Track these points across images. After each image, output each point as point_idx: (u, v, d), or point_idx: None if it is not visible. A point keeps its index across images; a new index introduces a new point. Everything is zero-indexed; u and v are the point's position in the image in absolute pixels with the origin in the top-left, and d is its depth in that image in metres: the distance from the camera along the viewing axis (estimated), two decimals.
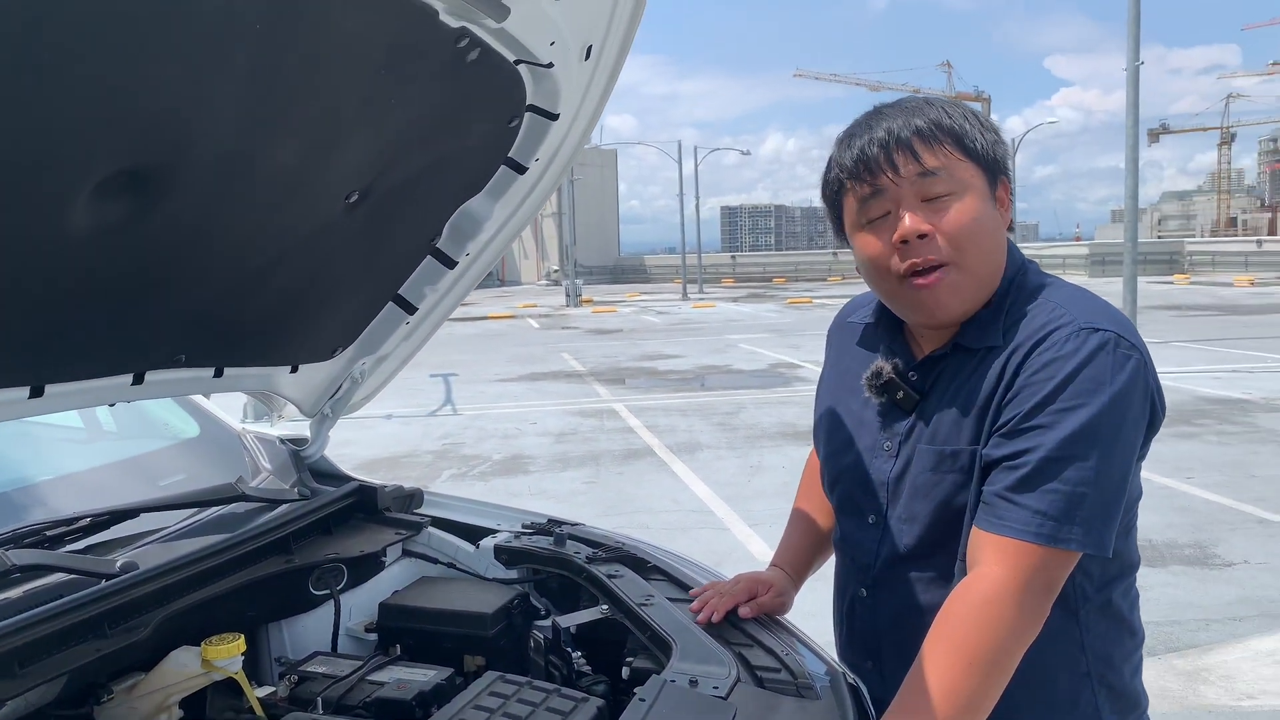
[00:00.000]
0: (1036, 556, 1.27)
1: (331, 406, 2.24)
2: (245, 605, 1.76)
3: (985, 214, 1.38)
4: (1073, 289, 1.43)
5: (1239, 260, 40.17)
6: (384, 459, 8.82)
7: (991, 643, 1.25)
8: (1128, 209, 14.80)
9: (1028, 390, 1.31)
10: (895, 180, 1.37)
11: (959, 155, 1.38)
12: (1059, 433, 1.27)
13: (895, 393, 1.49)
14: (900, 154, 1.37)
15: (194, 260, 1.49)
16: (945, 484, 1.41)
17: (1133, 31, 13.69)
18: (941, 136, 1.37)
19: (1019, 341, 1.35)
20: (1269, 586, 5.15)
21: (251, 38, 1.15)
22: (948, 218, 1.36)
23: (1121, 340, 1.31)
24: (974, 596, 1.28)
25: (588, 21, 1.57)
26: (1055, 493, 1.27)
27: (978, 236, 1.37)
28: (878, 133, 1.39)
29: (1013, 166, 1.46)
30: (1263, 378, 12.33)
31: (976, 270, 1.39)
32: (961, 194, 1.37)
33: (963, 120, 1.40)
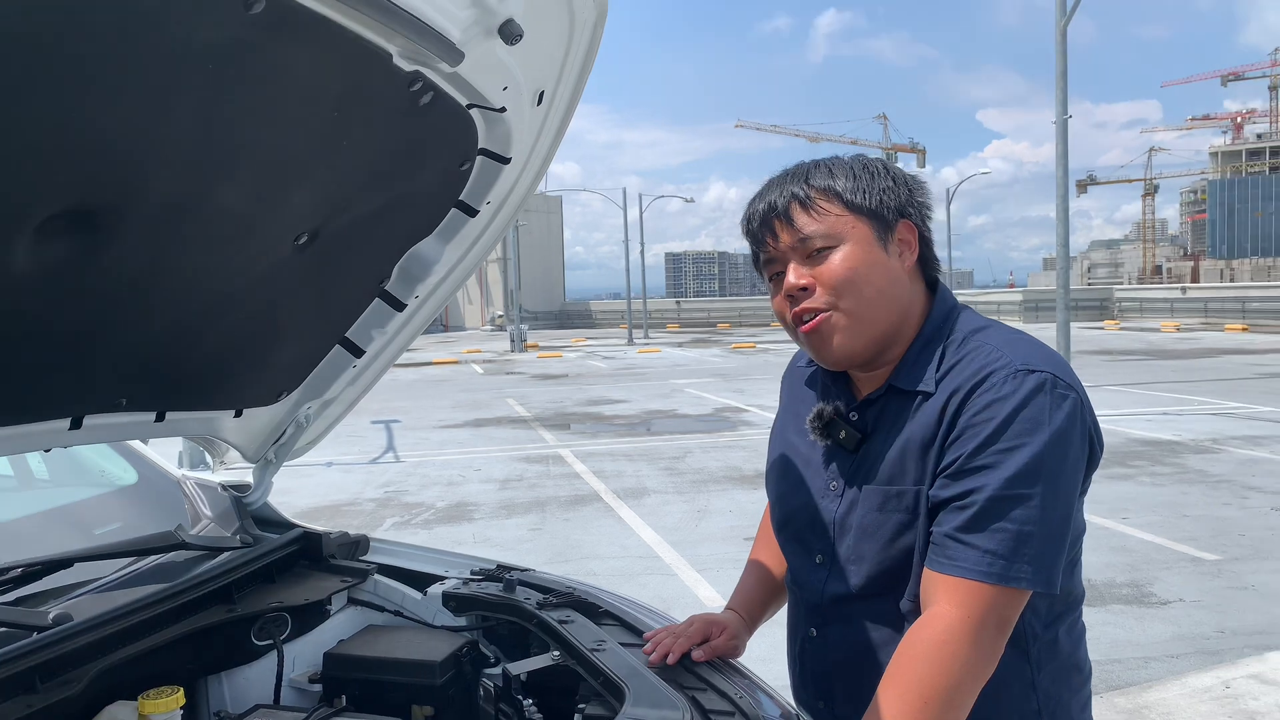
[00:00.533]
0: (989, 596, 1.28)
1: (275, 452, 2.20)
2: (185, 657, 1.71)
3: (867, 260, 1.43)
4: (1008, 332, 1.47)
5: (1165, 306, 41.51)
6: (324, 507, 8.65)
7: (947, 682, 1.26)
8: (1059, 256, 15.24)
9: (970, 431, 1.34)
10: (777, 247, 1.47)
11: (838, 210, 1.44)
12: (1003, 472, 1.30)
13: (838, 433, 1.51)
14: (778, 223, 1.46)
15: (139, 302, 1.46)
16: (891, 523, 1.43)
17: (1061, 85, 14.21)
18: (818, 198, 1.44)
19: (958, 384, 1.38)
20: (1204, 624, 5.26)
21: (203, 79, 1.14)
22: (824, 268, 1.43)
23: (1058, 380, 1.35)
24: (929, 636, 1.29)
25: (540, 67, 1.58)
26: (1003, 531, 1.29)
27: (855, 282, 1.42)
28: (760, 206, 1.50)
29: (923, 206, 1.51)
30: (1190, 420, 12.69)
31: (859, 313, 1.43)
32: (840, 245, 1.43)
33: (846, 178, 1.46)
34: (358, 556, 2.18)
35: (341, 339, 2.01)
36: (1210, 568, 6.26)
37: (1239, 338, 30.20)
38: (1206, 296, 40.63)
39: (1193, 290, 43.74)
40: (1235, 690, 4.36)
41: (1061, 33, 14.01)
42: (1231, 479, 8.94)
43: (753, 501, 8.35)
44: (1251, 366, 20.15)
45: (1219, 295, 40.33)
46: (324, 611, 1.98)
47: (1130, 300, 45.05)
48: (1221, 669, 4.61)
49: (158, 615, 1.68)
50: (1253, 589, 5.81)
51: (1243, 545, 6.73)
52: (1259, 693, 4.33)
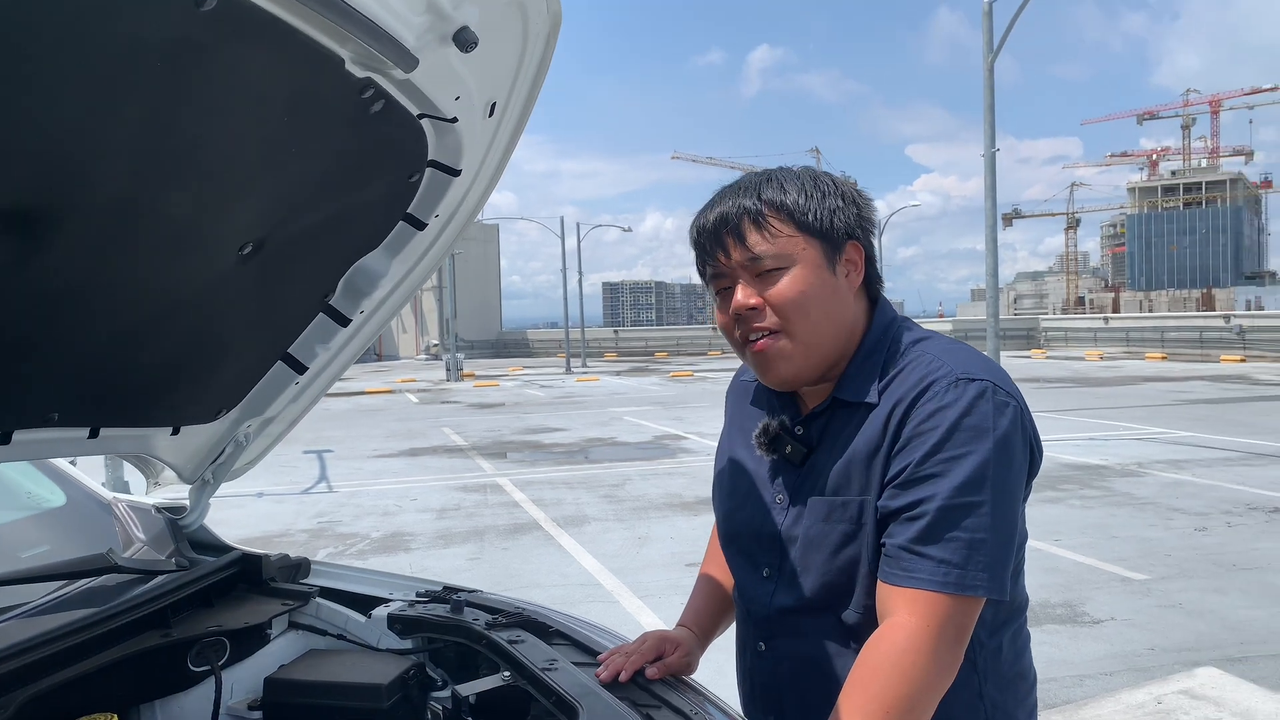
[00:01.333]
0: (947, 605, 1.29)
1: (213, 472, 2.13)
2: (118, 684, 1.64)
3: (816, 283, 1.43)
4: (946, 341, 1.48)
5: (1089, 336, 42.75)
6: (255, 539, 8.42)
7: (908, 691, 1.25)
8: (989, 286, 15.61)
9: (916, 440, 1.35)
10: (726, 262, 1.45)
11: (789, 231, 1.42)
12: (951, 480, 1.31)
13: (784, 447, 1.51)
14: (729, 238, 1.44)
15: (75, 311, 1.40)
16: (836, 534, 1.42)
17: (989, 119, 14.63)
18: (770, 214, 1.43)
19: (901, 395, 1.39)
20: (1135, 641, 5.37)
21: (151, 77, 1.11)
22: (774, 290, 1.42)
23: (998, 388, 1.37)
24: (889, 648, 1.29)
25: (493, 78, 1.57)
26: (956, 540, 1.30)
27: (805, 306, 1.42)
28: (711, 217, 1.47)
29: (869, 223, 1.50)
30: (1116, 445, 13.04)
31: (805, 337, 1.43)
32: (790, 267, 1.42)
33: (798, 194, 1.44)
34: (299, 579, 2.12)
35: (284, 355, 1.96)
36: (1140, 587, 6.41)
37: (1159, 366, 31.21)
38: (1128, 326, 41.94)
39: (1115, 320, 45.15)
40: (1167, 706, 4.46)
41: (989, 68, 14.45)
42: (1156, 501, 9.19)
43: (694, 528, 8.34)
44: (1171, 393, 20.82)
45: (1139, 325, 41.67)
46: (264, 636, 1.91)
47: (1056, 330, 46.32)
48: (1153, 685, 4.72)
49: (89, 640, 1.60)
50: (1180, 607, 5.96)
51: (1169, 565, 6.92)
52: (1190, 708, 4.43)
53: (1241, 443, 12.90)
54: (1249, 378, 24.95)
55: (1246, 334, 34.08)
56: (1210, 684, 4.69)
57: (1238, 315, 37.67)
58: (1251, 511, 8.61)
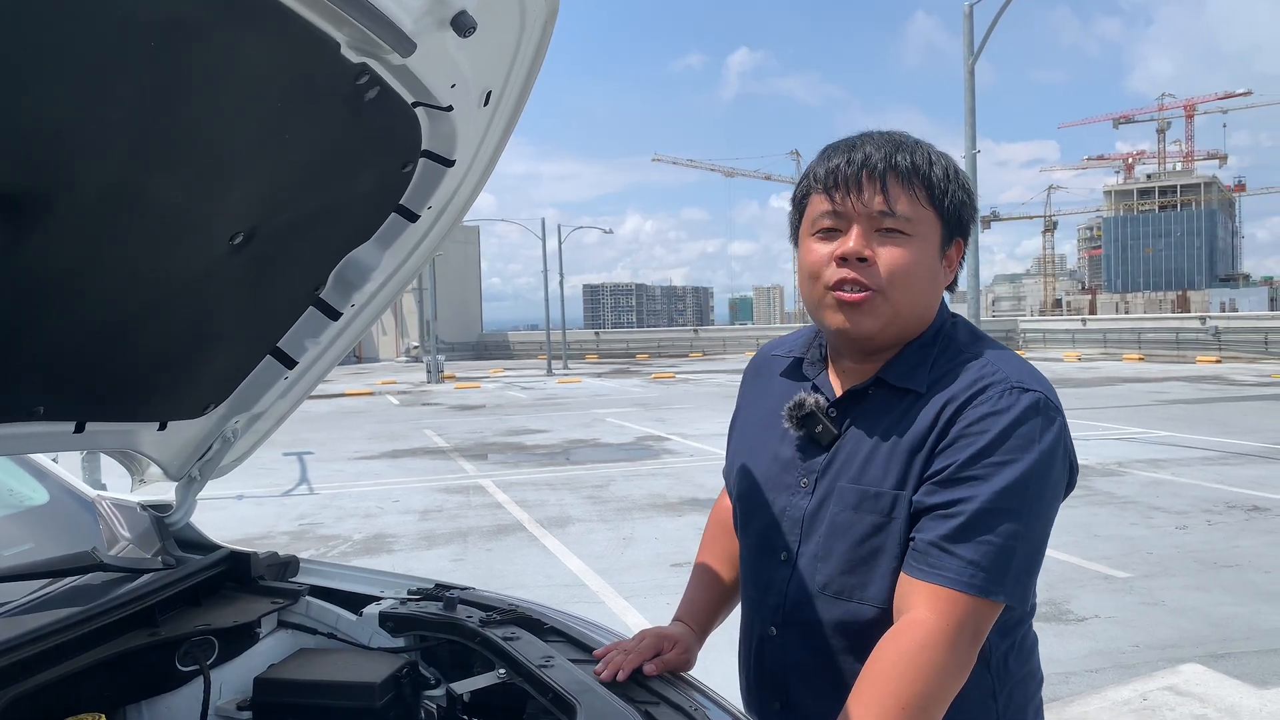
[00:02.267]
0: (969, 606, 1.28)
1: (200, 469, 2.09)
2: (104, 684, 1.60)
3: (928, 263, 1.42)
4: (1001, 348, 1.47)
5: (1067, 337, 43.06)
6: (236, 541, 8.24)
7: (924, 689, 1.24)
8: (970, 288, 15.69)
9: (963, 441, 1.33)
10: (857, 206, 1.40)
11: (925, 204, 1.41)
12: (993, 485, 1.30)
13: (815, 426, 1.49)
14: (870, 184, 1.40)
15: (63, 300, 1.37)
16: (864, 524, 1.41)
17: (970, 121, 14.72)
18: (916, 181, 1.40)
19: (954, 393, 1.38)
20: (1119, 639, 5.40)
21: (145, 59, 1.08)
22: (892, 253, 1.39)
23: (1050, 402, 1.36)
24: (907, 643, 1.27)
25: (490, 66, 1.55)
26: (988, 544, 1.28)
27: (912, 279, 1.41)
28: (857, 155, 1.42)
29: (976, 231, 1.51)
30: (1096, 445, 13.12)
31: (899, 305, 1.41)
32: (914, 238, 1.40)
33: (943, 173, 1.43)
34: (288, 578, 2.09)
35: (273, 349, 1.93)
36: (1123, 585, 6.45)
37: (1136, 367, 31.47)
38: (1105, 328, 42.30)
39: (1092, 322, 45.52)
40: (1152, 702, 4.48)
41: (969, 71, 14.53)
42: (1137, 500, 9.26)
43: (678, 529, 8.32)
44: (1149, 394, 20.99)
45: (1116, 327, 42.04)
46: (253, 634, 1.88)
47: (1034, 331, 46.63)
48: (1138, 682, 4.74)
49: (74, 639, 1.57)
50: (1163, 604, 6.00)
51: (1151, 563, 6.96)
52: (1174, 704, 4.45)
53: (1219, 442, 13.02)
54: (1225, 378, 25.20)
55: (1222, 335, 34.45)
56: (1194, 680, 4.72)
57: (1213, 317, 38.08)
58: (1231, 510, 8.68)
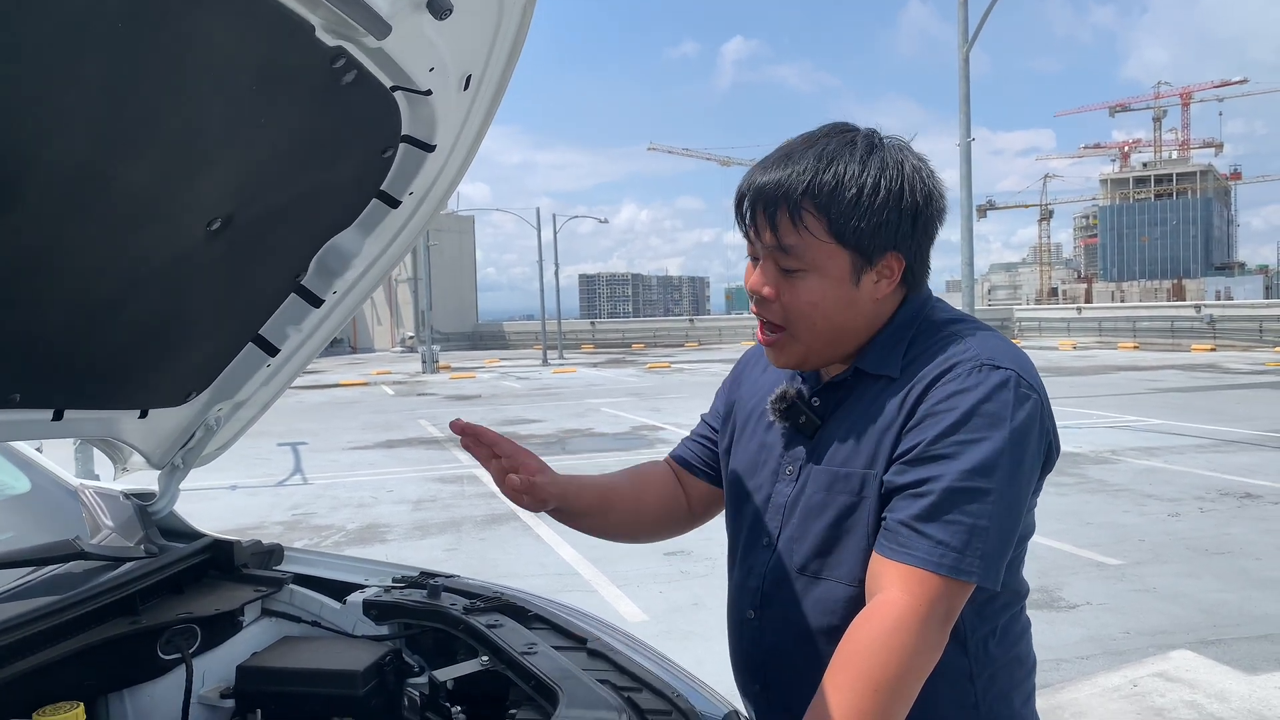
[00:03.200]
0: (939, 586, 1.27)
1: (183, 457, 2.08)
2: (84, 672, 1.59)
3: (830, 298, 1.39)
4: (977, 326, 1.46)
5: (1062, 326, 43.11)
6: (229, 531, 8.25)
7: (896, 669, 1.24)
8: (964, 276, 15.69)
9: (930, 420, 1.33)
10: (754, 238, 1.43)
11: (823, 236, 1.36)
12: (961, 464, 1.29)
13: (798, 417, 1.50)
14: (761, 218, 1.40)
15: (35, 286, 1.35)
16: (836, 505, 1.41)
17: (964, 109, 14.69)
18: (811, 211, 1.36)
19: (923, 373, 1.37)
20: (1110, 626, 5.42)
21: (112, 40, 1.07)
22: (788, 292, 1.40)
23: (1022, 380, 1.34)
24: (878, 623, 1.27)
25: (469, 49, 1.54)
26: (957, 524, 1.28)
27: (811, 318, 1.40)
28: (758, 183, 1.40)
29: (927, 228, 1.43)
30: (1089, 432, 13.16)
31: (807, 341, 1.43)
32: (809, 274, 1.38)
33: (852, 198, 1.35)
34: (272, 566, 2.08)
35: (255, 336, 1.92)
36: (1114, 572, 6.47)
37: (1131, 355, 31.53)
38: (1100, 316, 42.34)
39: (1088, 310, 45.57)
40: (1143, 688, 4.49)
41: (964, 59, 14.50)
42: (1130, 487, 9.28)
43: None
44: (1144, 382, 21.03)
45: (1112, 315, 42.08)
46: (236, 623, 1.87)
47: (1030, 320, 46.66)
48: (1129, 668, 4.76)
49: (54, 628, 1.56)
50: (1155, 591, 6.02)
51: (1143, 550, 6.98)
52: (1165, 690, 4.47)
53: (1213, 430, 13.05)
54: (1219, 366, 25.26)
55: (1217, 323, 34.51)
56: (1185, 666, 4.74)
57: (1208, 305, 38.13)
58: (1223, 497, 8.71)
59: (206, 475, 2.23)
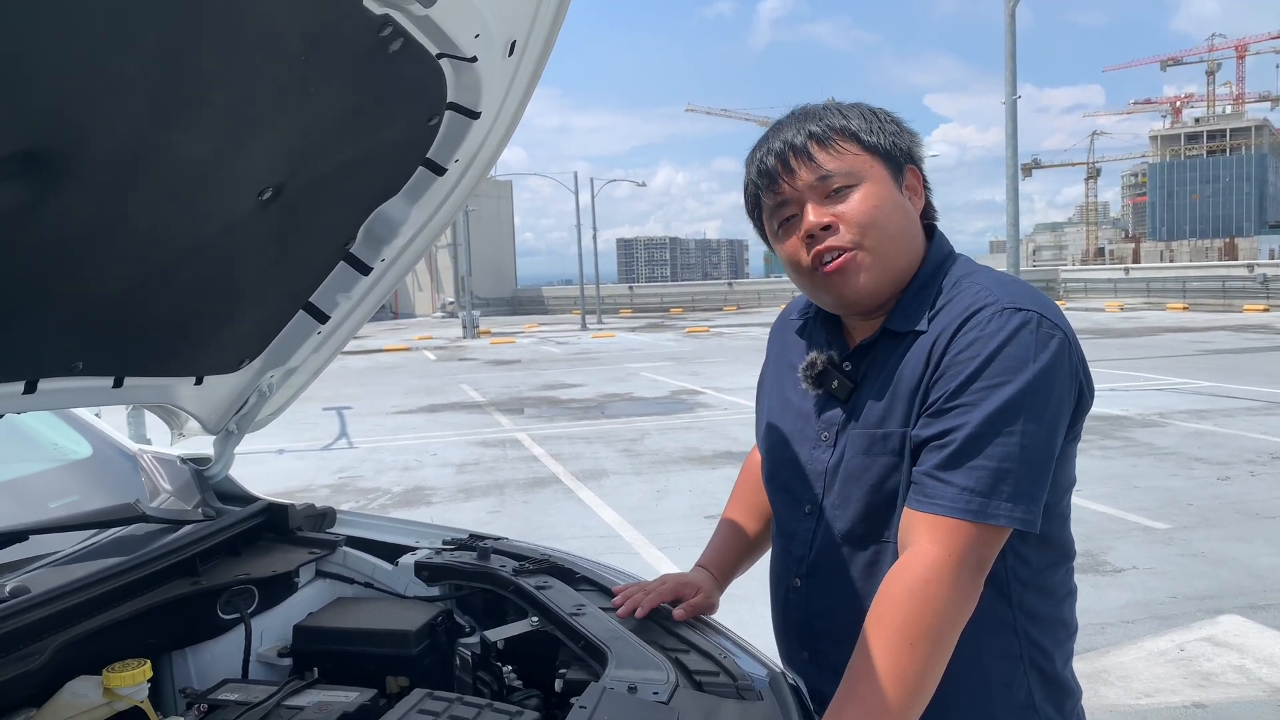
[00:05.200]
0: (967, 533, 1.28)
1: (237, 423, 2.13)
2: (148, 631, 1.65)
3: (888, 199, 1.43)
4: (999, 275, 1.46)
5: (1109, 287, 42.31)
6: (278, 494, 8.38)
7: (931, 621, 1.25)
8: (1009, 235, 15.44)
9: (952, 370, 1.33)
10: (794, 185, 1.44)
11: (855, 150, 1.43)
12: (983, 410, 1.29)
13: (830, 382, 1.50)
14: (796, 160, 1.43)
15: (93, 257, 1.38)
16: (877, 467, 1.42)
17: (1010, 65, 14.37)
18: (835, 137, 1.43)
19: (945, 324, 1.38)
20: (1156, 590, 5.37)
21: (165, 13, 1.08)
22: (850, 205, 1.41)
23: (1044, 320, 1.34)
24: (910, 576, 1.28)
25: (513, 15, 1.53)
26: (981, 469, 1.28)
27: (880, 221, 1.42)
28: (775, 144, 1.46)
29: (921, 158, 1.52)
30: (1136, 395, 12.96)
31: (883, 251, 1.42)
32: (861, 184, 1.42)
33: (859, 118, 1.46)
34: (325, 529, 2.13)
35: (305, 304, 1.94)
36: (1161, 536, 6.39)
37: (1180, 316, 30.91)
38: (1148, 277, 41.48)
39: (1135, 271, 44.66)
40: (1190, 653, 4.46)
41: (1010, 13, 14.16)
42: (1178, 451, 9.15)
43: (712, 481, 8.36)
44: (1193, 344, 20.63)
45: (1160, 276, 41.20)
46: (292, 584, 1.92)
47: (1075, 281, 45.86)
48: (1175, 633, 4.72)
49: (119, 588, 1.61)
50: (1202, 555, 5.94)
51: (1191, 514, 6.89)
52: (1212, 654, 4.43)
53: (1265, 392, 12.79)
54: (1273, 327, 24.69)
55: (1270, 283, 33.65)
56: (1233, 631, 4.69)
57: (1261, 264, 37.17)
58: (1275, 460, 8.56)
59: (254, 440, 2.28)
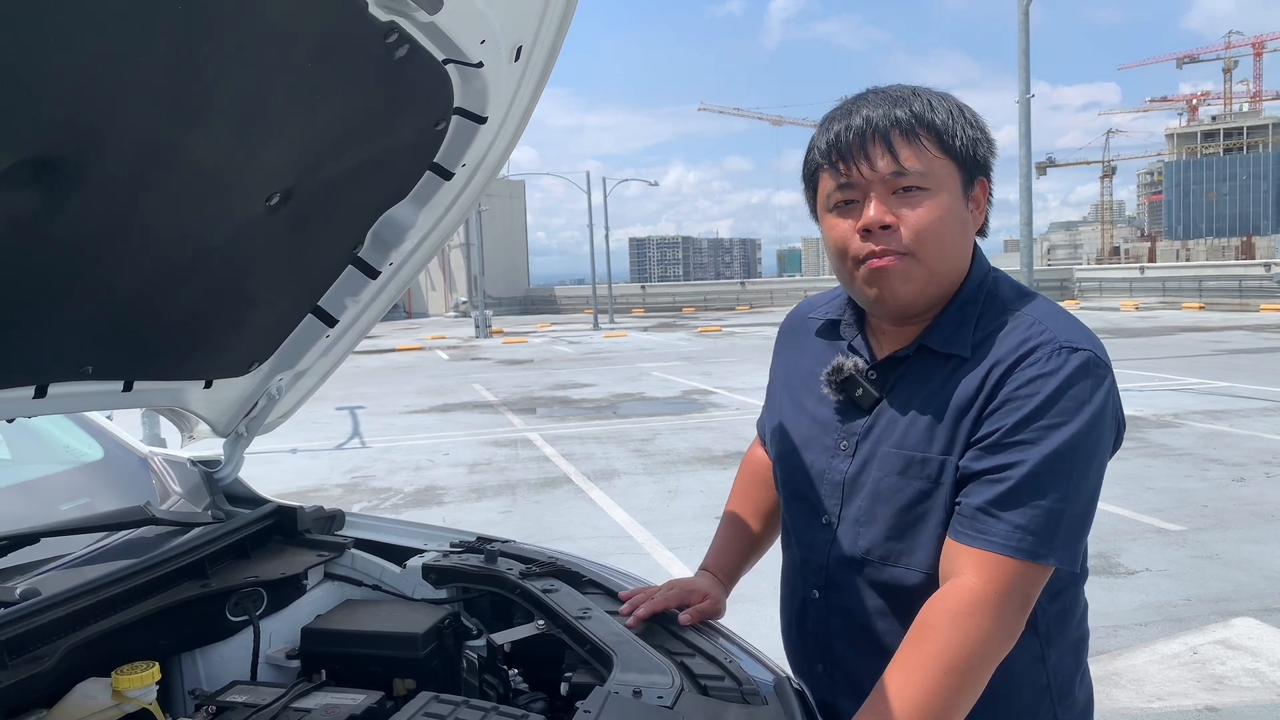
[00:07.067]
0: (1017, 571, 1.26)
1: (247, 425, 2.14)
2: (158, 634, 1.66)
3: (953, 213, 1.37)
4: (1047, 304, 1.43)
5: (1124, 286, 42.07)
6: (291, 493, 8.53)
7: (970, 653, 1.24)
8: (1023, 235, 15.38)
9: (1011, 405, 1.30)
10: (867, 174, 1.36)
11: (936, 152, 1.35)
12: (1043, 449, 1.27)
13: (854, 390, 1.47)
14: (876, 147, 1.35)
15: (104, 262, 1.40)
16: (910, 490, 1.39)
17: (1023, 64, 14.29)
18: (921, 132, 1.35)
19: (1000, 355, 1.34)
20: (1170, 592, 5.34)
21: (174, 20, 1.09)
22: (915, 213, 1.35)
23: (1099, 360, 1.33)
24: (953, 606, 1.26)
25: (519, 20, 1.54)
26: (1037, 509, 1.27)
27: (940, 235, 1.36)
28: (855, 120, 1.37)
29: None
30: (1151, 395, 12.88)
31: (933, 265, 1.37)
32: (934, 192, 1.35)
33: (947, 115, 1.37)
34: (333, 531, 2.14)
35: (314, 307, 1.96)
36: (1175, 538, 6.35)
37: (1196, 316, 30.71)
38: (1164, 276, 41.23)
39: (1151, 270, 44.39)
40: (1203, 656, 4.43)
41: (1024, 11, 14.09)
42: (1193, 452, 9.09)
43: (723, 482, 8.34)
44: (1209, 343, 20.49)
45: (1176, 275, 40.95)
46: (300, 586, 1.93)
47: (1090, 280, 45.61)
48: (1189, 635, 4.69)
49: (129, 590, 1.63)
50: (1217, 558, 5.91)
51: (1206, 516, 6.85)
52: (1225, 657, 4.40)
53: None
54: None
55: None
56: (1247, 634, 4.66)
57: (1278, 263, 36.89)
58: None
59: (268, 439, 2.29)
